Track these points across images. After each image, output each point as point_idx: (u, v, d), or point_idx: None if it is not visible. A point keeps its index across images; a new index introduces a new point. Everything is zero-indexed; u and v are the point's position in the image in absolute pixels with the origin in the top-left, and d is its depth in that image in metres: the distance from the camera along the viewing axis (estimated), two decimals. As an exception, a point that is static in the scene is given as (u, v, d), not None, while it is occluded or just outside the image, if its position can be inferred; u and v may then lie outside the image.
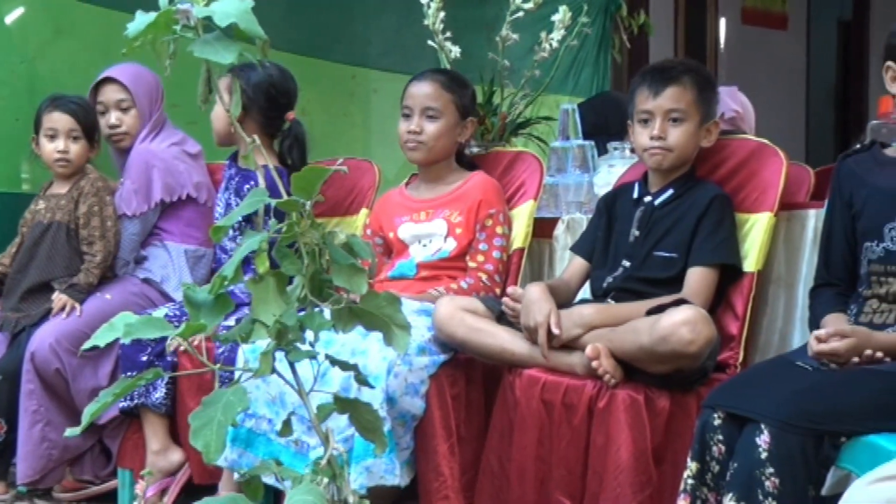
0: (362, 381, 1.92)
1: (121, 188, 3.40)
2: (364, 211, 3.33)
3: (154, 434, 3.07)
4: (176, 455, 3.08)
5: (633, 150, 2.97)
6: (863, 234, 2.27)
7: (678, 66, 2.69)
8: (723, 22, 8.39)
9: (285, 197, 1.69)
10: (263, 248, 1.70)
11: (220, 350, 2.93)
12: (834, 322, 2.24)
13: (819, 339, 2.09)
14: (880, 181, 2.26)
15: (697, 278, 2.57)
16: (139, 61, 3.35)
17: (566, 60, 5.16)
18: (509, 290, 2.71)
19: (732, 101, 4.47)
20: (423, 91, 3.07)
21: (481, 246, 2.98)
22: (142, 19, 1.65)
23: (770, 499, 1.94)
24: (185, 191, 3.42)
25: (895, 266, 2.19)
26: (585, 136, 3.53)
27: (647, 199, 2.73)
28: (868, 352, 2.06)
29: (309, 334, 1.76)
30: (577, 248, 2.89)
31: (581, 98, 5.25)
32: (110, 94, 3.44)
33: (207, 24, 1.65)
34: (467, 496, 2.72)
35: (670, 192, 2.69)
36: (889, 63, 2.22)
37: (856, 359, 2.07)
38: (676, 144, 2.63)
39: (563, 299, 2.72)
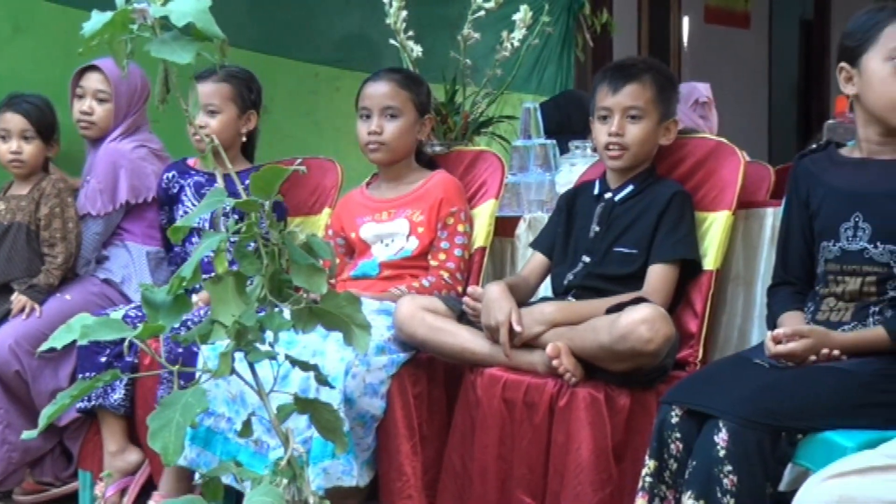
0: (322, 381, 1.92)
1: (85, 186, 3.37)
2: (327, 210, 3.32)
3: (112, 435, 3.05)
4: (133, 455, 3.05)
5: (594, 149, 2.98)
6: (819, 233, 2.28)
7: (639, 63, 2.71)
8: (686, 21, 8.44)
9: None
10: (222, 248, 1.70)
11: (179, 350, 2.91)
12: (791, 321, 2.26)
13: (776, 340, 2.11)
14: (836, 181, 2.28)
15: (658, 275, 2.59)
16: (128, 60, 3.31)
17: (529, 59, 5.18)
18: (470, 289, 2.71)
19: (706, 91, 4.59)
20: (380, 91, 3.06)
21: (443, 244, 2.98)
22: (98, 18, 1.64)
23: (728, 496, 1.95)
24: (151, 193, 3.40)
25: (851, 265, 2.20)
26: (549, 135, 3.54)
27: (608, 195, 2.74)
28: (825, 351, 2.08)
29: (269, 334, 1.76)
30: (536, 245, 2.90)
31: (545, 96, 5.27)
32: (92, 82, 3.40)
33: (165, 23, 1.64)
34: (429, 495, 2.72)
35: (631, 188, 2.71)
36: (843, 64, 2.24)
37: (812, 357, 2.08)
38: (633, 142, 2.65)
39: (523, 297, 2.73)
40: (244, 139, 3.33)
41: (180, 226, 1.73)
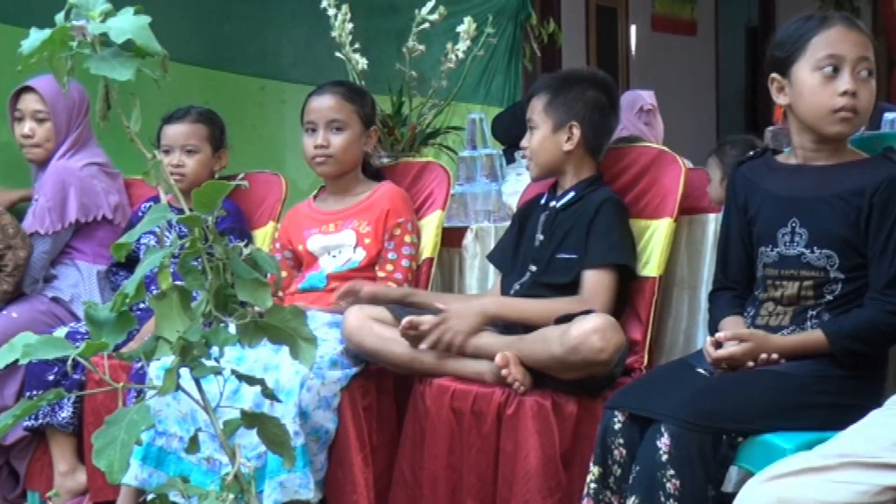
0: (270, 395, 1.91)
1: (34, 205, 3.35)
2: (271, 224, 3.33)
3: (61, 454, 3.02)
4: (83, 475, 3.03)
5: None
6: (758, 238, 2.31)
7: (548, 77, 2.84)
8: (633, 29, 8.53)
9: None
10: (166, 264, 1.69)
11: (139, 366, 2.90)
12: (731, 325, 2.29)
13: (716, 344, 2.14)
14: (773, 187, 2.31)
15: (592, 280, 2.62)
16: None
17: (477, 69, 5.21)
18: (406, 321, 2.66)
19: (650, 98, 4.65)
20: (325, 104, 3.07)
21: (390, 255, 2.99)
22: (36, 36, 1.63)
23: (671, 500, 1.98)
24: (101, 211, 3.38)
25: (789, 270, 2.23)
26: (509, 147, 3.55)
27: (552, 203, 2.77)
28: (763, 356, 2.12)
29: (214, 350, 1.76)
30: (492, 259, 2.95)
31: (493, 107, 5.31)
32: (29, 103, 3.39)
33: (105, 39, 1.64)
34: (381, 506, 2.73)
35: (572, 194, 2.73)
36: (773, 75, 2.27)
37: (751, 363, 2.12)
38: (532, 152, 2.75)
39: None
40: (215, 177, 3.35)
41: (123, 242, 1.72)
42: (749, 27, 9.79)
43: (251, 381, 1.86)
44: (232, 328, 1.72)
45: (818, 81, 2.19)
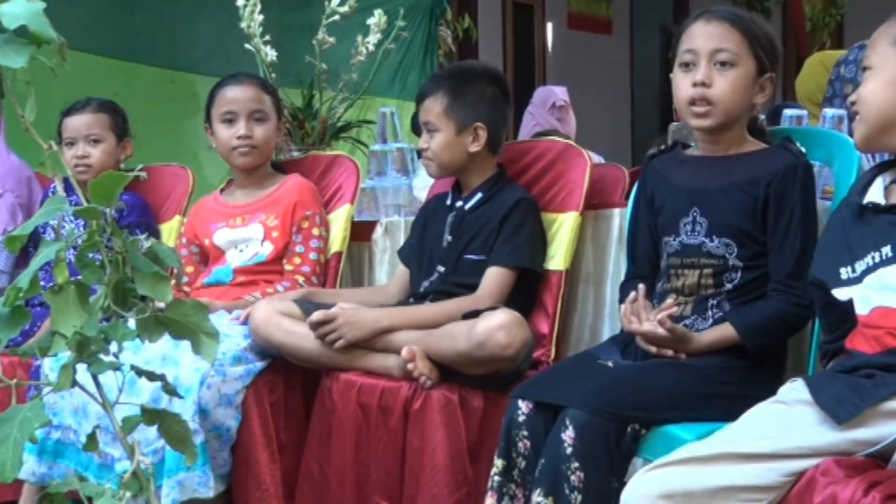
0: (171, 391, 1.88)
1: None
2: (178, 217, 3.28)
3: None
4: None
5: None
6: (662, 229, 2.34)
7: (440, 75, 2.87)
8: (550, 26, 8.58)
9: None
10: (62, 257, 1.65)
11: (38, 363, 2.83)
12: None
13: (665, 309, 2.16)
14: (678, 179, 2.34)
15: (492, 278, 2.62)
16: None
17: (392, 64, 5.19)
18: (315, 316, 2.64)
19: (562, 94, 4.70)
20: (246, 94, 3.03)
21: (297, 248, 2.97)
22: (-77, 21, 1.59)
23: (576, 492, 1.99)
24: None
25: (690, 258, 2.26)
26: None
27: (459, 203, 2.77)
28: (670, 352, 2.15)
29: (113, 345, 1.72)
30: (401, 255, 2.94)
31: (409, 101, 5.28)
32: None
33: (-2, 26, 1.60)
34: (289, 503, 2.70)
35: (479, 195, 2.74)
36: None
37: (653, 349, 2.14)
38: (433, 153, 2.72)
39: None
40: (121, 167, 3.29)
41: (17, 235, 1.68)
42: (663, 26, 9.91)
43: (151, 376, 1.82)
44: (132, 323, 1.69)
45: (679, 76, 2.27)
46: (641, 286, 2.23)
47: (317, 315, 2.60)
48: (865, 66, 1.89)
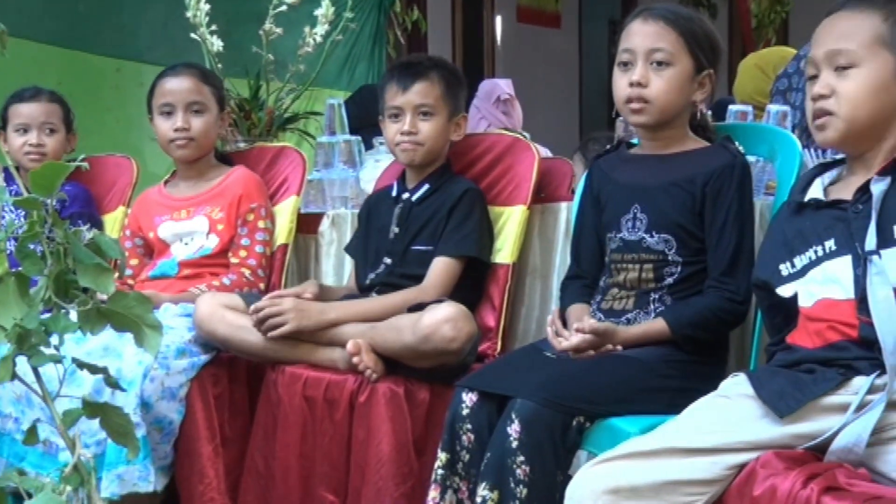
0: (114, 384, 1.86)
1: None
2: (122, 209, 3.24)
3: None
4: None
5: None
6: (605, 226, 2.36)
7: (425, 61, 2.75)
8: (499, 20, 8.58)
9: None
10: (1, 248, 1.63)
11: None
12: (577, 313, 2.33)
13: (557, 336, 2.19)
14: (621, 177, 2.37)
15: (438, 269, 2.62)
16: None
17: (340, 55, 5.16)
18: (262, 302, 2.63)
19: (507, 87, 4.69)
20: (184, 86, 3.00)
21: (243, 241, 2.94)
22: None
23: (521, 486, 1.99)
24: None
25: (631, 254, 2.28)
26: (353, 131, 3.53)
27: (405, 195, 2.76)
28: (608, 346, 2.16)
29: (54, 337, 1.70)
30: (349, 249, 2.92)
31: (358, 93, 5.25)
32: None
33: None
34: (233, 497, 2.68)
35: (426, 187, 2.73)
36: None
37: (591, 352, 2.15)
38: (427, 138, 2.68)
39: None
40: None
41: (-47, 229, 1.66)
42: (612, 20, 9.95)
43: (93, 369, 1.80)
44: (73, 315, 1.67)
45: (618, 75, 2.30)
46: (554, 310, 2.25)
47: (264, 301, 2.58)
48: (841, 61, 1.81)
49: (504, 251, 2.70)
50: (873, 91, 1.79)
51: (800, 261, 1.84)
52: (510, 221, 2.71)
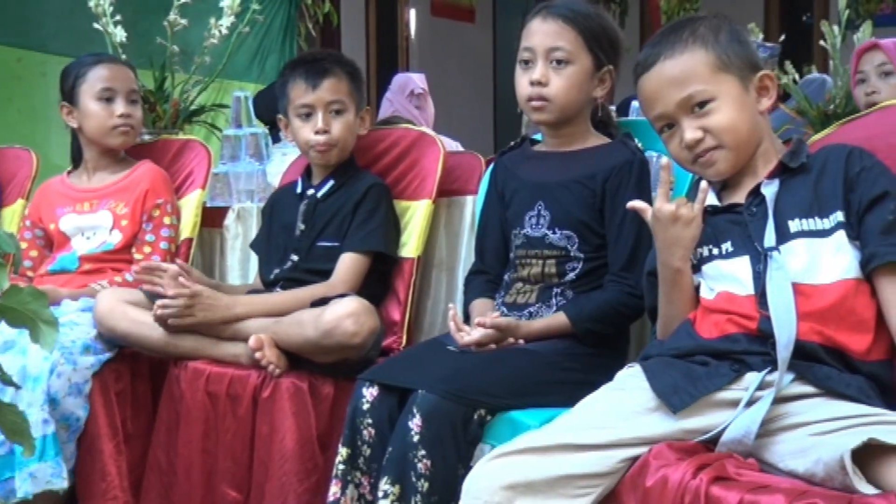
0: (7, 381, 1.82)
1: None
2: (21, 201, 3.18)
3: None
4: None
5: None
6: (510, 223, 2.38)
7: (328, 57, 2.73)
8: (413, 13, 8.58)
9: None
10: None
11: None
12: (480, 308, 2.35)
13: (459, 329, 2.20)
14: (525, 174, 2.38)
15: (345, 264, 2.62)
16: None
17: (250, 48, 5.12)
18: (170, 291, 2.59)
19: (420, 82, 4.69)
20: (124, 74, 3.00)
21: (148, 237, 2.91)
22: None
23: (422, 480, 2.00)
24: None
25: (534, 250, 2.30)
26: (270, 124, 3.50)
27: (311, 192, 2.75)
28: (510, 340, 2.17)
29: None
30: (253, 246, 2.90)
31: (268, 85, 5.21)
32: None
33: None
34: (136, 494, 2.65)
35: (331, 182, 2.72)
36: None
37: (493, 346, 2.16)
38: (339, 137, 2.67)
39: None
40: None
41: None
42: (526, 15, 10.01)
43: (-14, 366, 1.77)
44: (-34, 311, 1.63)
45: (519, 73, 2.33)
46: (452, 308, 2.24)
47: (172, 290, 2.54)
48: (698, 100, 1.83)
49: (409, 245, 2.70)
50: (739, 112, 1.85)
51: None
52: (416, 216, 2.72)
